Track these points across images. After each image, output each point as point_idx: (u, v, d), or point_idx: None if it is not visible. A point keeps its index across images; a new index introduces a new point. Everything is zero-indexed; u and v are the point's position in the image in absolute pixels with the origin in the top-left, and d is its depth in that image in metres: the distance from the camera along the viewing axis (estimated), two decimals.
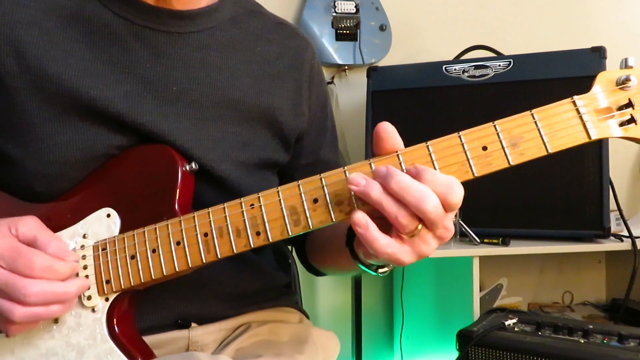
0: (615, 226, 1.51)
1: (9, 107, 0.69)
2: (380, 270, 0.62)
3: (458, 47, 1.73)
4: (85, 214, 0.69)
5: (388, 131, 0.56)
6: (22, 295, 0.58)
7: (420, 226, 0.53)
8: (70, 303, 0.64)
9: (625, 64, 0.56)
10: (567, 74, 1.40)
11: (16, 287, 0.58)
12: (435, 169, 0.55)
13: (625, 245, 1.43)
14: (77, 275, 0.66)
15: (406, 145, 0.57)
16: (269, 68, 0.81)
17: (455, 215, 1.34)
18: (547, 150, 0.54)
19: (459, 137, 0.55)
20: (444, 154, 0.55)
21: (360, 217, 0.54)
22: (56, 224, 0.69)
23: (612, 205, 1.43)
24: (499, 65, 1.48)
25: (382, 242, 0.53)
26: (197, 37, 0.75)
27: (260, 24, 0.83)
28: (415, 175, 0.52)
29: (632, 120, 0.54)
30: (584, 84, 0.56)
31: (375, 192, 0.53)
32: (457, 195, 0.52)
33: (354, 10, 1.77)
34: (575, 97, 0.54)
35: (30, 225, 0.63)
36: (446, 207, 0.52)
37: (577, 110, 0.54)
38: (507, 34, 1.92)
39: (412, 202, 0.51)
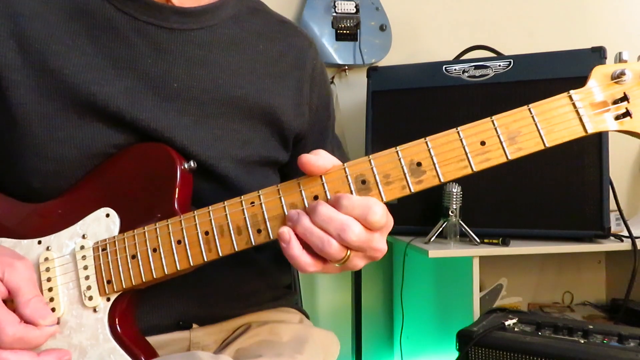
0: (615, 226, 1.50)
1: (7, 101, 0.69)
2: None
3: (458, 47, 1.73)
4: (84, 214, 0.68)
5: (309, 163, 0.57)
6: None
7: (348, 252, 0.55)
8: None
9: (619, 58, 0.57)
10: (567, 74, 1.40)
11: None
12: (434, 164, 0.55)
13: (625, 245, 1.42)
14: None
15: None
16: (271, 67, 0.81)
17: (455, 216, 1.36)
18: (544, 145, 0.55)
19: (458, 132, 0.56)
20: (443, 150, 0.56)
21: (285, 231, 0.56)
22: (54, 224, 0.69)
23: (612, 205, 1.43)
24: (499, 65, 1.48)
25: (305, 260, 0.56)
26: (199, 34, 0.75)
27: (262, 23, 0.83)
28: (334, 204, 0.54)
29: (627, 113, 0.55)
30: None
31: (302, 225, 0.55)
32: (377, 214, 0.54)
33: (354, 10, 1.77)
34: (571, 91, 0.55)
35: (19, 274, 0.62)
36: (369, 227, 0.54)
37: (574, 104, 0.55)
38: (507, 34, 1.92)
39: (335, 233, 0.53)
